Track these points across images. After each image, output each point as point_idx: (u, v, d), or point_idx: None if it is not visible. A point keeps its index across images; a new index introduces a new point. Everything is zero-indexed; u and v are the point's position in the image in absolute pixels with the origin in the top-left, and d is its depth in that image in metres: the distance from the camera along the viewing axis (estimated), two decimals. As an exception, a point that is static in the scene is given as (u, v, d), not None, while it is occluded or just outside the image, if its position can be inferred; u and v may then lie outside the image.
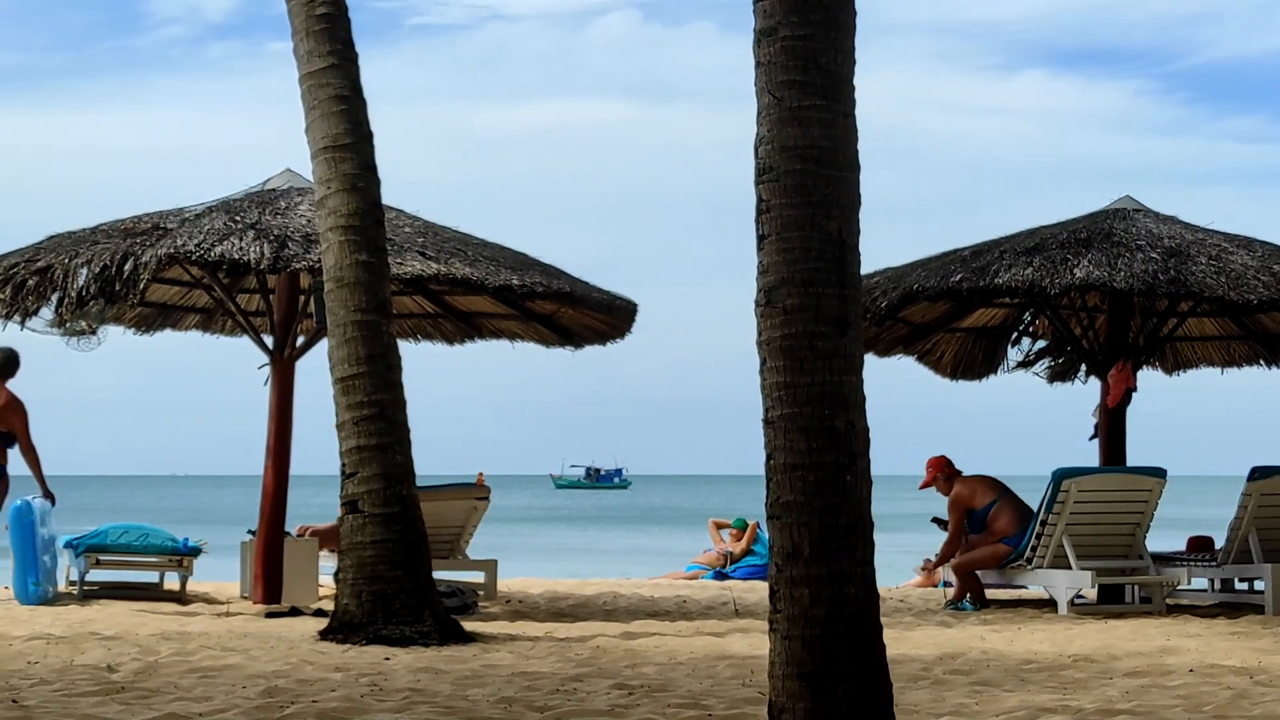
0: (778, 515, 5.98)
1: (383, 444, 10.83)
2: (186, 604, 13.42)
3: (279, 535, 13.61)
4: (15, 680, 8.28)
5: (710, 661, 9.46)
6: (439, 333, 16.30)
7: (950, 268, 14.14)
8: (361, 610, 10.60)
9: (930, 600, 14.73)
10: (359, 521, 10.76)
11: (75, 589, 13.56)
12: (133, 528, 13.84)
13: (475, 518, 14.64)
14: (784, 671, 5.94)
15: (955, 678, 8.74)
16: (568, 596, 15.08)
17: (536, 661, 9.44)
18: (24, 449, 13.39)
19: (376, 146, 11.15)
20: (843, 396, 5.97)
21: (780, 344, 5.98)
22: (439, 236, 13.50)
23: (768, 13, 6.10)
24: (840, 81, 6.11)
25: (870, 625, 5.99)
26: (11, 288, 12.55)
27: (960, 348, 16.90)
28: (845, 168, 6.08)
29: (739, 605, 13.89)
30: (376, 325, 10.92)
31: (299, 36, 11.08)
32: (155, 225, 12.90)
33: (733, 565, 19.60)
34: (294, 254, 12.50)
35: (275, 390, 13.72)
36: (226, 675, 8.58)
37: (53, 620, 11.62)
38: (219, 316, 15.69)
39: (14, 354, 13.53)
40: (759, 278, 6.08)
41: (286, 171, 13.99)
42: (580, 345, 15.47)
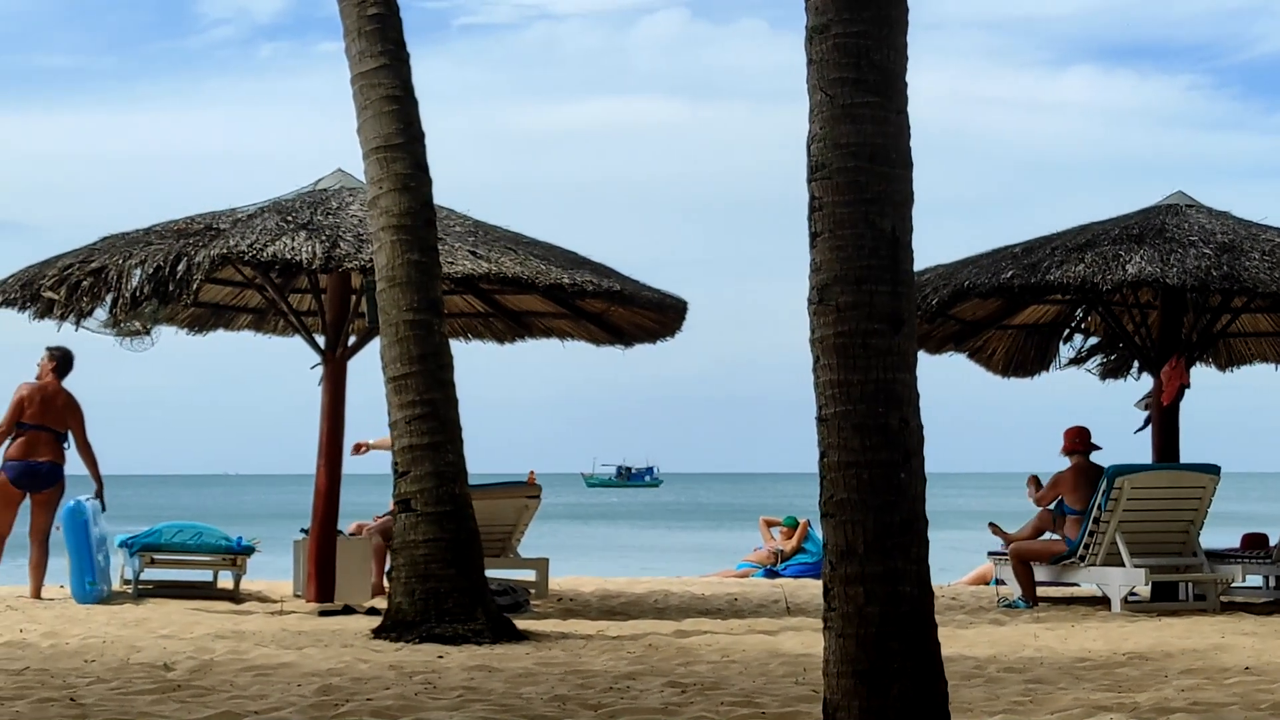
0: (832, 513, 5.97)
1: (435, 443, 10.86)
2: (240, 602, 13.49)
3: (332, 534, 13.66)
4: (72, 679, 8.33)
5: (763, 660, 9.45)
6: (490, 332, 16.33)
7: (1002, 264, 14.09)
8: (414, 609, 10.64)
9: (982, 598, 14.69)
10: (412, 520, 10.80)
11: (130, 588, 13.64)
12: (187, 527, 13.92)
13: (526, 516, 14.66)
14: (839, 670, 5.93)
15: (1009, 676, 8.72)
16: (619, 595, 15.09)
17: (589, 659, 9.45)
18: (81, 448, 13.49)
19: (427, 146, 11.20)
20: (896, 394, 5.96)
21: (833, 342, 5.98)
22: (490, 235, 13.52)
23: (820, 10, 6.09)
24: (893, 78, 6.10)
25: (925, 623, 5.97)
26: (66, 289, 12.64)
27: (1012, 345, 16.84)
28: (898, 165, 6.07)
29: (790, 603, 13.87)
30: (428, 324, 10.96)
31: (350, 37, 11.12)
32: (208, 226, 12.97)
33: (783, 563, 19.59)
34: (346, 254, 12.54)
35: (327, 390, 13.77)
36: (281, 673, 8.62)
37: (108, 619, 11.69)
38: (271, 316, 15.77)
39: (69, 353, 13.62)
40: (812, 275, 6.07)
41: (338, 171, 14.05)
42: (631, 344, 15.48)
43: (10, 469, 13.36)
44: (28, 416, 13.37)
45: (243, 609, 12.90)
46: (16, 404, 13.41)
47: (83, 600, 13.02)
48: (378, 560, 13.79)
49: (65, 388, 13.53)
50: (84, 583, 13.07)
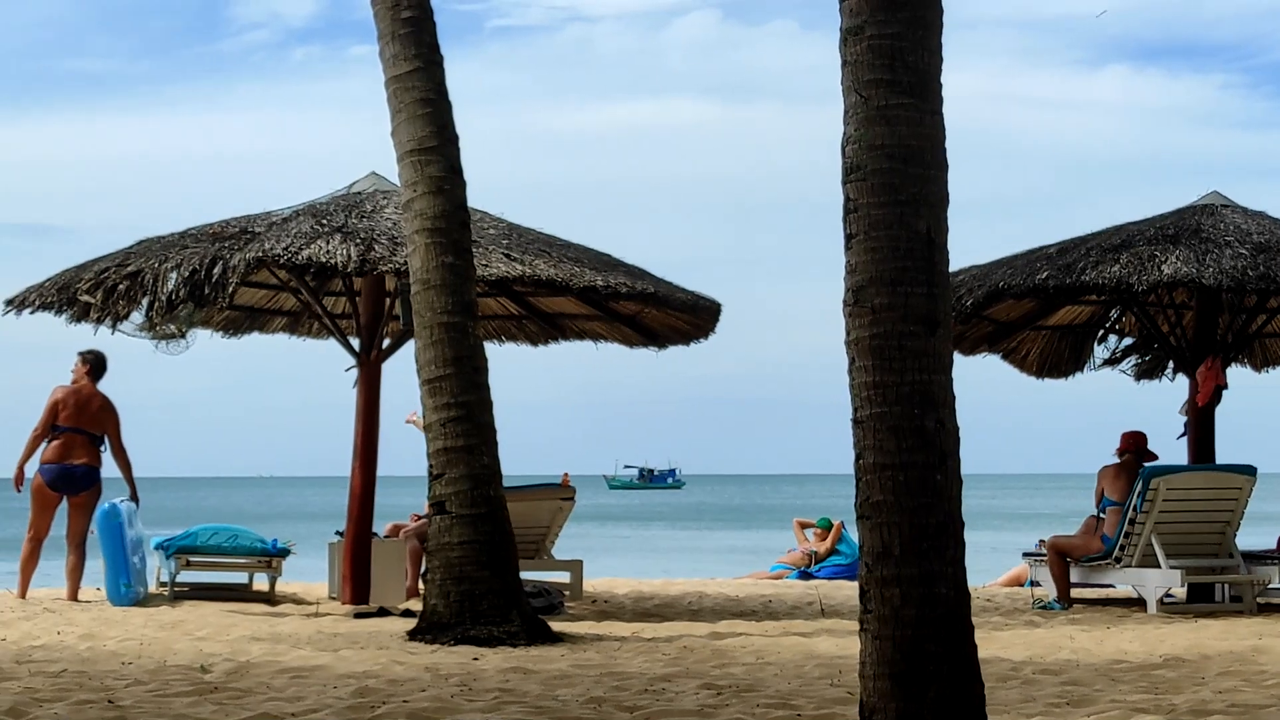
0: (868, 515, 5.97)
1: (469, 445, 10.88)
2: (275, 605, 13.52)
3: (367, 536, 13.69)
4: (110, 681, 8.37)
5: (798, 661, 9.45)
6: (523, 334, 16.34)
7: (1036, 265, 14.06)
8: (449, 610, 10.65)
9: (1017, 600, 14.65)
10: (446, 522, 10.82)
11: (166, 590, 13.69)
12: (222, 529, 13.96)
13: (561, 518, 14.67)
14: (875, 672, 5.92)
15: (1045, 678, 8.70)
16: (653, 596, 15.09)
17: (624, 661, 9.46)
18: (115, 451, 13.55)
19: (461, 148, 11.22)
20: (932, 395, 5.95)
21: (869, 343, 5.97)
22: (523, 238, 13.54)
23: (854, 11, 6.09)
24: (927, 79, 6.09)
25: (961, 625, 5.97)
26: (103, 292, 12.68)
27: (1046, 346, 16.79)
28: (933, 166, 6.06)
29: (825, 605, 13.86)
30: (463, 327, 10.98)
31: (384, 40, 11.15)
32: (243, 229, 13.02)
33: (817, 565, 19.56)
34: (380, 256, 12.57)
35: (362, 392, 13.80)
36: (317, 675, 8.64)
37: (145, 621, 11.73)
38: (306, 319, 15.81)
39: (102, 356, 13.68)
40: (847, 277, 6.07)
41: (372, 175, 14.08)
42: (664, 346, 15.48)
43: (46, 472, 13.42)
44: (62, 419, 13.43)
45: (278, 611, 12.94)
46: (51, 407, 13.47)
47: (118, 602, 13.07)
48: (413, 562, 13.82)
49: (101, 391, 13.59)
50: (119, 585, 13.12)
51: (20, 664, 9.04)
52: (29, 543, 13.61)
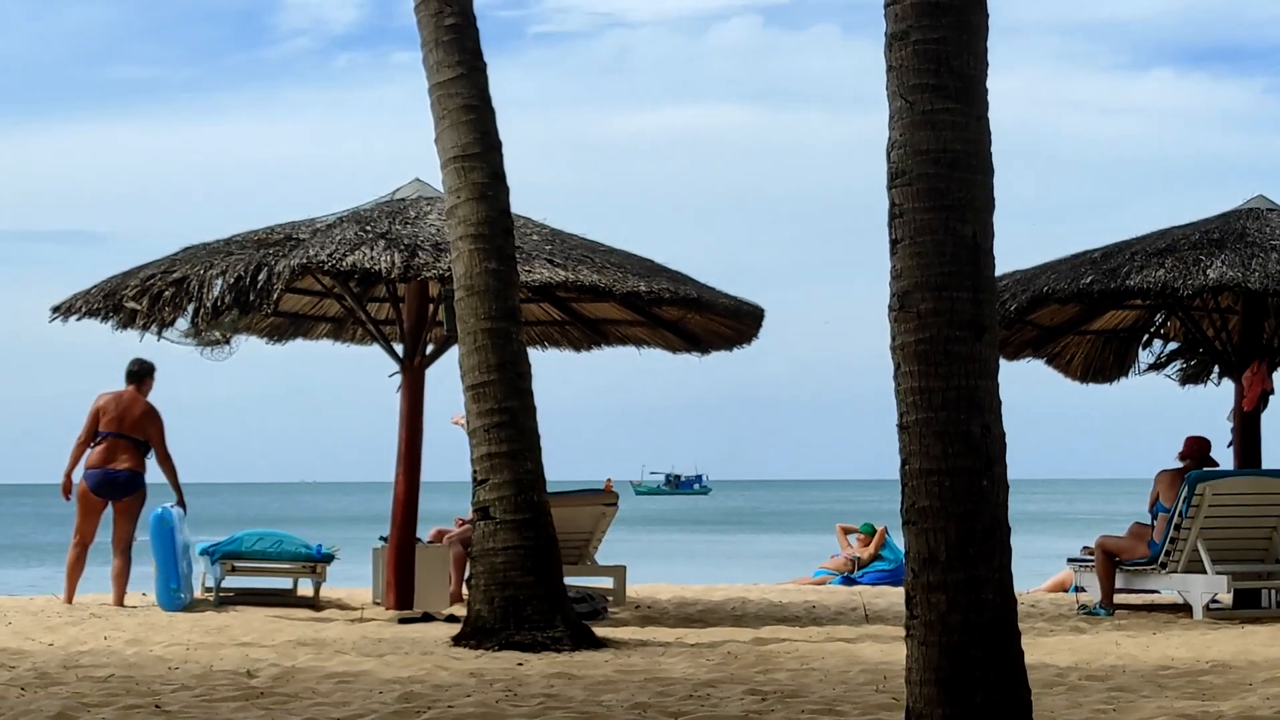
0: (914, 520, 5.96)
1: (513, 451, 10.90)
2: (320, 610, 13.56)
3: (411, 541, 13.72)
4: (157, 685, 8.41)
5: (843, 667, 9.43)
6: (566, 339, 16.36)
7: (1080, 270, 14.02)
8: (494, 616, 10.67)
9: (1062, 605, 14.60)
10: (490, 528, 10.84)
11: (211, 595, 13.74)
12: (267, 535, 14.01)
13: (604, 524, 14.69)
14: (921, 678, 5.91)
15: (1091, 684, 8.66)
16: (696, 602, 15.08)
17: (669, 667, 9.46)
18: (160, 457, 13.62)
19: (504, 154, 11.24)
20: (978, 401, 5.94)
21: (915, 349, 5.97)
22: (566, 244, 13.56)
23: (899, 16, 6.09)
24: (973, 84, 6.09)
25: (1008, 631, 5.95)
26: (148, 299, 12.74)
27: (1090, 350, 16.73)
28: (978, 171, 6.06)
29: (869, 611, 13.83)
30: (506, 333, 11.00)
31: (428, 47, 11.18)
32: (288, 236, 13.06)
33: (860, 570, 19.53)
34: (424, 263, 12.60)
35: (406, 398, 13.84)
36: (363, 680, 8.66)
37: (191, 626, 11.78)
38: (350, 325, 15.87)
39: (150, 365, 13.76)
40: (892, 282, 6.07)
41: (415, 181, 14.12)
42: (707, 351, 15.47)
43: (89, 477, 13.50)
44: (104, 425, 13.52)
45: (323, 616, 12.98)
46: (93, 414, 13.57)
47: (169, 607, 13.13)
48: (457, 568, 13.85)
49: (144, 397, 13.65)
50: (169, 589, 13.19)
51: (68, 669, 9.09)
52: (74, 548, 13.68)
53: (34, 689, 8.24)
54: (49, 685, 8.38)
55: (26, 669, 9.06)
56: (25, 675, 8.78)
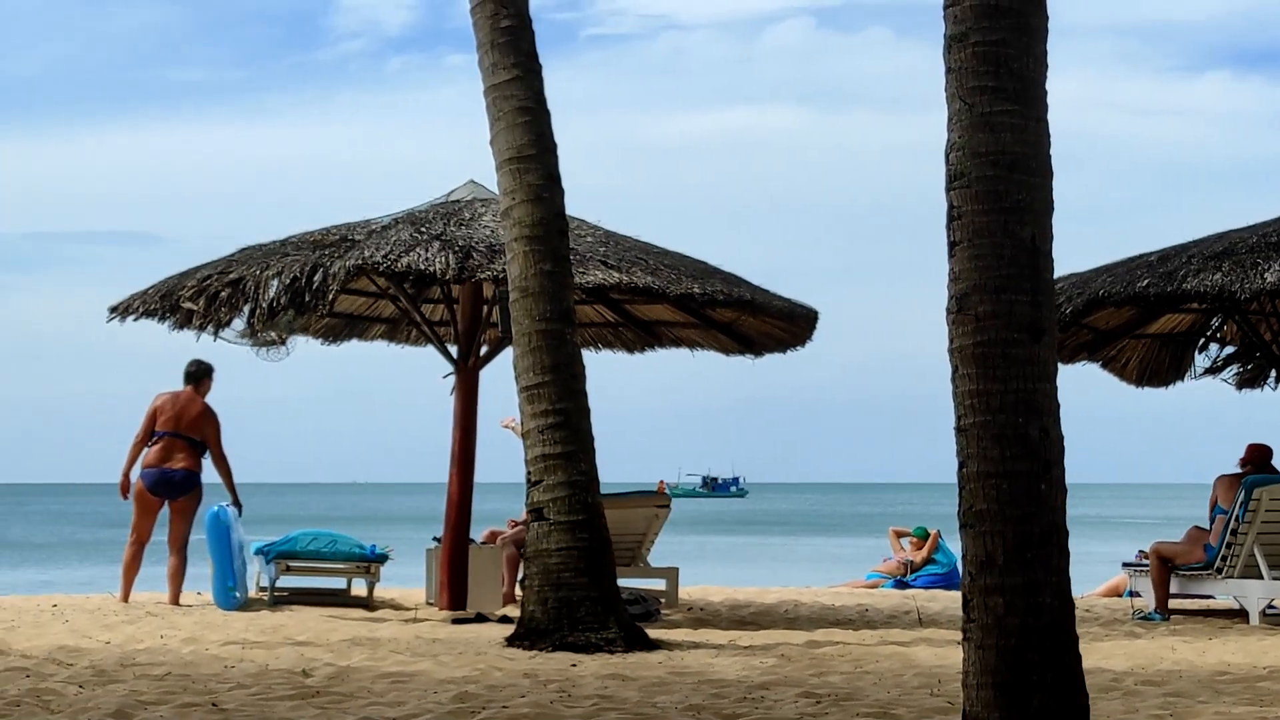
0: (971, 524, 5.94)
1: (567, 452, 10.91)
2: (374, 610, 13.61)
3: (464, 542, 13.75)
4: (213, 684, 8.45)
5: (897, 670, 9.41)
6: (619, 341, 16.36)
7: (1136, 273, 13.95)
8: (547, 617, 10.69)
9: (1116, 610, 14.53)
10: (544, 529, 10.85)
11: (266, 595, 13.81)
12: (321, 535, 14.07)
13: (656, 525, 14.68)
14: (978, 681, 5.90)
15: (1147, 689, 8.62)
16: (748, 604, 15.07)
17: (722, 669, 9.45)
18: (216, 458, 13.69)
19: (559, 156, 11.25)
20: (1036, 404, 5.92)
21: (973, 351, 5.95)
22: (620, 246, 13.56)
23: (959, 18, 6.07)
24: (1032, 86, 6.07)
25: (1065, 635, 5.93)
26: (205, 299, 12.80)
27: (1146, 354, 16.65)
28: (1038, 173, 6.03)
29: (922, 614, 13.80)
30: (560, 334, 11.01)
31: (483, 49, 11.20)
32: (343, 237, 13.11)
33: (913, 574, 19.48)
34: (478, 264, 12.63)
35: (459, 399, 13.87)
36: (418, 681, 8.69)
37: (246, 625, 11.84)
38: (404, 326, 15.91)
39: (209, 366, 13.84)
40: (950, 284, 6.05)
41: (470, 183, 14.15)
42: (761, 353, 15.45)
43: (146, 476, 13.60)
44: (160, 424, 13.61)
45: (376, 616, 13.02)
46: (150, 414, 13.66)
47: (224, 606, 13.20)
48: (510, 569, 13.87)
49: (202, 398, 13.74)
50: (225, 588, 13.26)
51: (125, 666, 9.15)
52: (131, 547, 13.78)
53: (91, 686, 8.30)
54: (106, 683, 8.44)
55: (84, 667, 9.13)
56: (83, 673, 8.84)
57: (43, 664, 9.24)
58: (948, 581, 18.89)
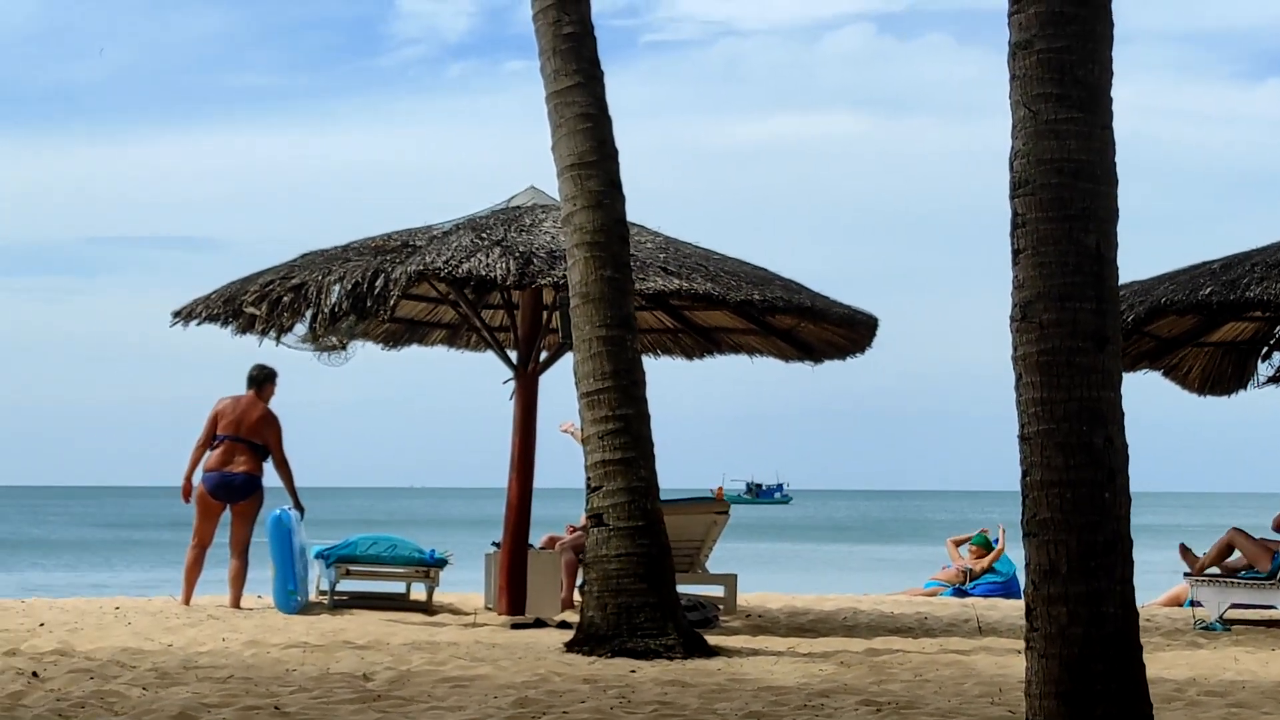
0: (1034, 532, 5.93)
1: (627, 458, 10.92)
2: (433, 614, 13.65)
3: (523, 547, 13.78)
4: (275, 687, 8.50)
5: (957, 679, 9.38)
6: (678, 348, 16.36)
7: (1199, 281, 13.87)
8: (607, 623, 10.70)
9: (1178, 619, 14.45)
10: (604, 535, 10.87)
11: (326, 599, 13.86)
12: (381, 539, 14.11)
13: (715, 532, 14.67)
14: (1041, 690, 5.88)
15: (1210, 699, 8.57)
16: (807, 611, 15.05)
17: (782, 676, 9.44)
18: (277, 462, 13.77)
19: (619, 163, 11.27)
20: (1101, 413, 5.90)
21: (1037, 359, 5.94)
22: (680, 252, 13.57)
23: (1023, 26, 6.06)
24: (1097, 93, 6.05)
25: (1129, 645, 5.91)
26: (267, 304, 12.86)
27: (1209, 362, 16.53)
28: (1103, 181, 6.02)
29: (982, 622, 13.75)
30: (621, 340, 11.03)
31: (545, 56, 11.23)
32: (404, 243, 13.16)
33: (972, 582, 19.40)
34: (539, 270, 12.65)
35: (519, 404, 13.90)
36: (478, 685, 8.72)
37: (307, 629, 11.90)
38: (464, 332, 15.96)
39: (272, 371, 13.91)
40: (1014, 292, 6.04)
41: (530, 189, 14.18)
42: (820, 360, 15.42)
43: (207, 480, 13.68)
44: (221, 428, 13.70)
45: (436, 621, 13.06)
46: (211, 418, 13.76)
47: (285, 609, 13.26)
48: (569, 574, 13.90)
49: (265, 402, 13.82)
50: (287, 592, 13.33)
51: (187, 669, 9.22)
52: (192, 550, 13.86)
53: (155, 689, 8.36)
54: (169, 685, 8.50)
55: (147, 669, 9.20)
56: (146, 675, 8.90)
57: (106, 666, 9.32)
58: (1006, 590, 18.81)
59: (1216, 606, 13.55)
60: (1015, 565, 19.07)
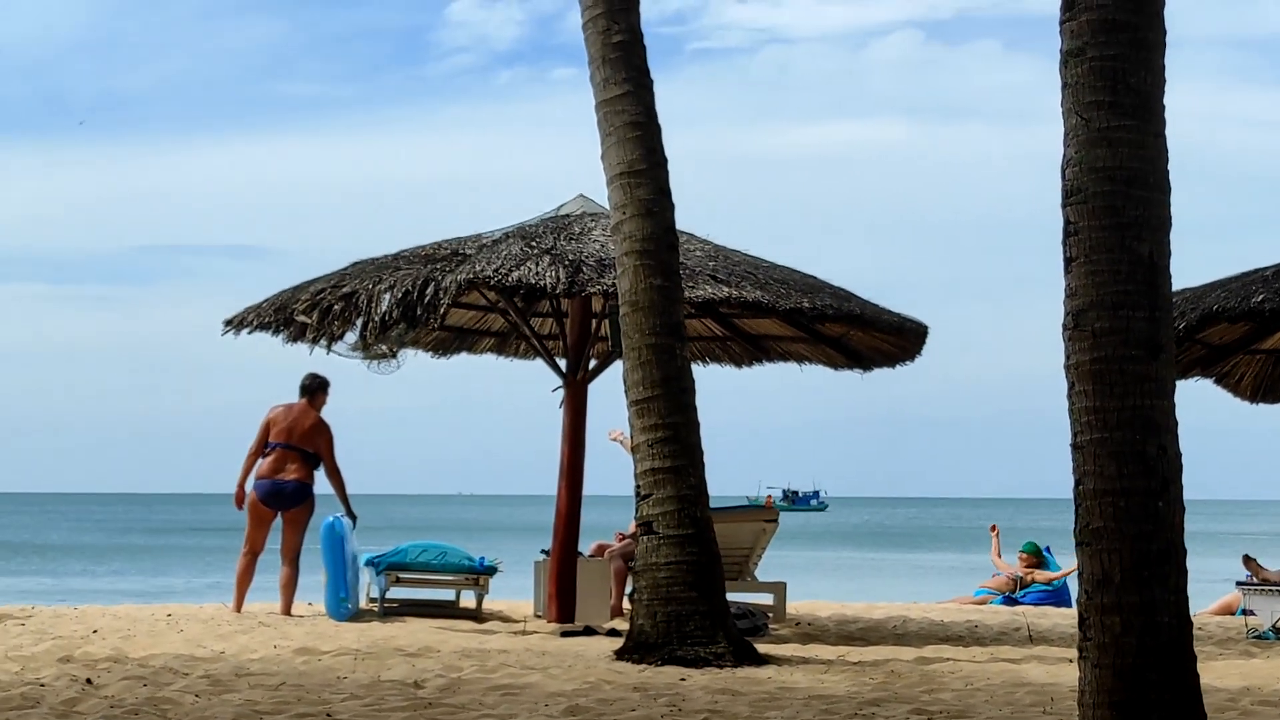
0: (1087, 541, 5.91)
1: (677, 466, 10.93)
2: (482, 622, 13.67)
3: (573, 555, 13.79)
4: (327, 694, 8.53)
5: (1009, 688, 9.34)
6: (727, 355, 16.35)
7: (1251, 288, 13.79)
8: (656, 631, 10.70)
9: (1230, 628, 14.36)
10: (654, 543, 10.87)
11: (376, 606, 13.90)
12: (431, 546, 14.14)
13: (764, 540, 14.65)
14: (1094, 700, 5.86)
15: (1264, 709, 8.51)
16: (856, 620, 15.02)
17: (832, 685, 9.43)
18: (328, 470, 13.81)
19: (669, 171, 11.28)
20: (1154, 421, 5.88)
21: (1089, 368, 5.92)
22: (729, 260, 13.56)
23: (1075, 33, 6.05)
24: (1150, 101, 6.03)
25: (1183, 655, 5.88)
26: (318, 313, 12.91)
27: (1261, 370, 16.43)
28: (1156, 189, 6.00)
29: (1033, 631, 13.69)
30: (670, 348, 11.03)
31: (595, 64, 11.25)
32: (454, 251, 13.19)
33: (1022, 590, 19.34)
34: (588, 278, 12.67)
35: (568, 412, 13.92)
36: (528, 693, 8.73)
37: (358, 636, 11.93)
38: (513, 340, 15.99)
39: (324, 380, 13.96)
40: (1066, 300, 6.03)
41: (580, 197, 14.21)
42: (869, 368, 15.39)
43: (259, 487, 13.74)
44: (273, 436, 13.77)
45: (486, 628, 13.08)
46: (264, 426, 13.82)
47: (336, 617, 13.30)
48: (618, 582, 13.90)
49: (317, 411, 13.87)
50: (338, 599, 13.37)
51: (239, 676, 9.26)
52: (244, 557, 13.92)
53: (208, 696, 8.40)
54: (222, 692, 8.55)
55: (199, 676, 9.24)
56: (199, 683, 8.95)
57: (159, 673, 9.37)
58: (1057, 599, 18.74)
59: (1270, 615, 13.47)
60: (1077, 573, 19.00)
